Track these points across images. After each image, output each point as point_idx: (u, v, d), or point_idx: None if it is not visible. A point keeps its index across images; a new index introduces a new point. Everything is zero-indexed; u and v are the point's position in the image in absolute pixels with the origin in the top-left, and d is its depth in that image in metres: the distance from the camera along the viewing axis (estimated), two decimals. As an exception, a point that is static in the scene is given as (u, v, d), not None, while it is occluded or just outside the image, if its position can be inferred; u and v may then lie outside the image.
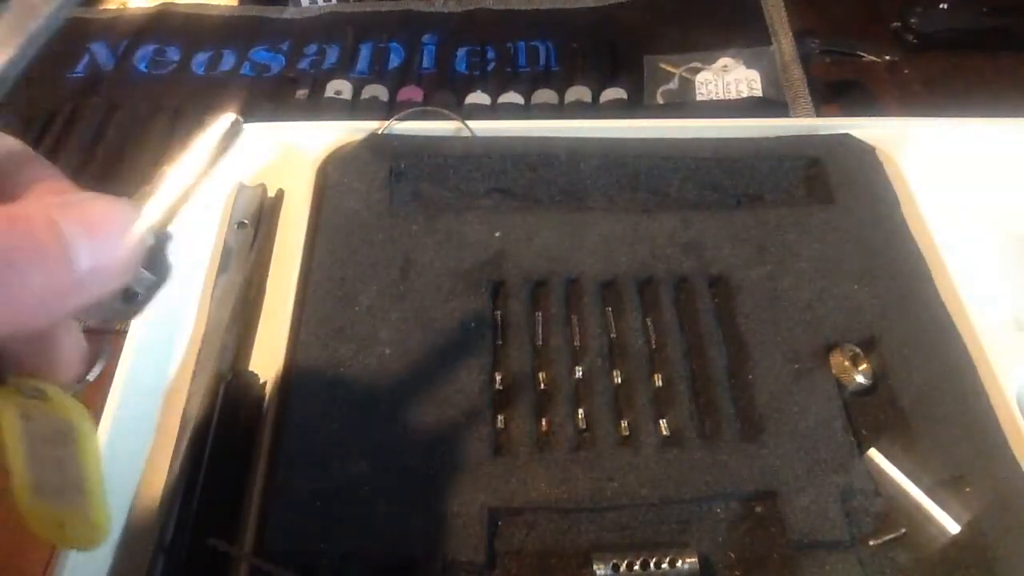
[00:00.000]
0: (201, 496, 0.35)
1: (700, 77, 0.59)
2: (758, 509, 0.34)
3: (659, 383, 0.39)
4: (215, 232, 0.46)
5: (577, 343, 0.40)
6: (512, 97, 0.58)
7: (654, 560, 0.32)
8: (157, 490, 0.37)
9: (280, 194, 0.48)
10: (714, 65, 0.59)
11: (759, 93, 0.57)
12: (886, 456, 0.35)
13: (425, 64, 0.62)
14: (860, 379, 0.38)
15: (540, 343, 0.40)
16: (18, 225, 0.17)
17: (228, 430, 0.37)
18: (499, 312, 0.41)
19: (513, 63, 0.62)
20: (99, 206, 0.19)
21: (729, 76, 0.58)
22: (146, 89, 0.61)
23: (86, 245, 0.18)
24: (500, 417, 0.37)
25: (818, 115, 0.55)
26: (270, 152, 0.49)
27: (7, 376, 0.21)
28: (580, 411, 0.38)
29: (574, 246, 0.43)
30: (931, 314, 0.40)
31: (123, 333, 0.40)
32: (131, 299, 0.21)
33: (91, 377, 0.23)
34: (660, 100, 0.58)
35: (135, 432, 0.38)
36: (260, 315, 0.43)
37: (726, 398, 0.38)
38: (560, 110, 0.57)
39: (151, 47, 0.64)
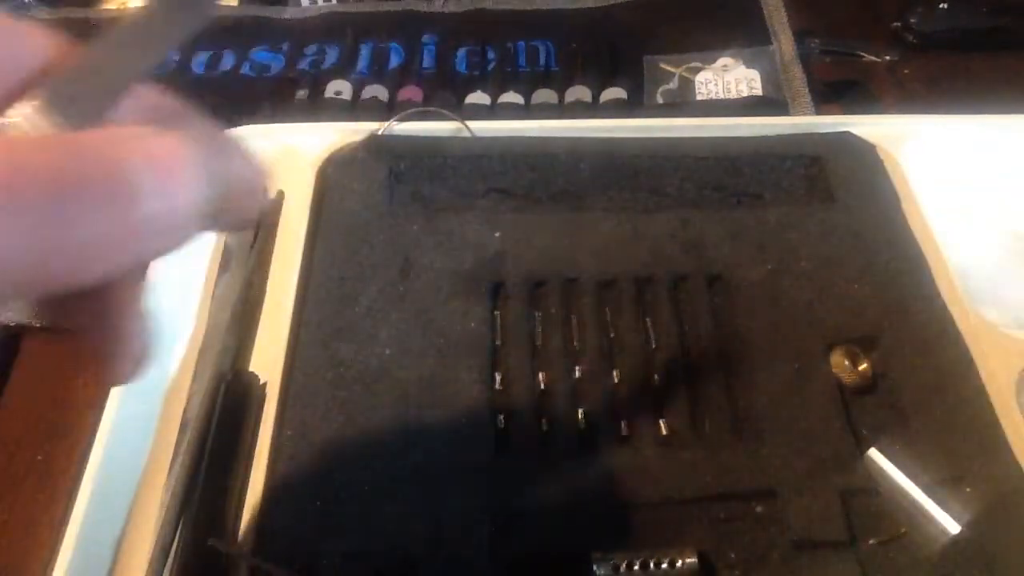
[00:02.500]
0: (201, 496, 0.35)
1: (700, 77, 0.59)
2: (758, 509, 0.34)
3: (658, 383, 0.39)
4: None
5: (576, 343, 0.40)
6: (512, 97, 0.58)
7: (654, 560, 0.32)
8: (157, 490, 0.37)
9: (280, 195, 0.48)
10: (714, 65, 0.59)
11: (759, 93, 0.57)
12: (886, 456, 0.35)
13: (425, 64, 0.62)
14: (860, 379, 0.38)
15: (540, 343, 0.40)
16: (84, 154, 0.15)
17: (228, 430, 0.37)
18: (498, 312, 0.41)
19: (513, 63, 0.61)
20: (169, 142, 0.16)
21: (729, 76, 0.58)
22: (146, 89, 0.61)
23: (153, 185, 0.15)
24: (500, 417, 0.37)
25: (818, 115, 0.55)
26: (270, 153, 0.49)
27: None
28: (580, 411, 0.38)
29: (573, 246, 0.43)
30: (931, 314, 0.40)
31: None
32: None
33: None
34: (660, 100, 0.58)
35: (135, 432, 0.38)
36: (260, 315, 0.43)
37: (726, 398, 0.38)
38: (560, 110, 0.57)
39: (151, 47, 0.64)
